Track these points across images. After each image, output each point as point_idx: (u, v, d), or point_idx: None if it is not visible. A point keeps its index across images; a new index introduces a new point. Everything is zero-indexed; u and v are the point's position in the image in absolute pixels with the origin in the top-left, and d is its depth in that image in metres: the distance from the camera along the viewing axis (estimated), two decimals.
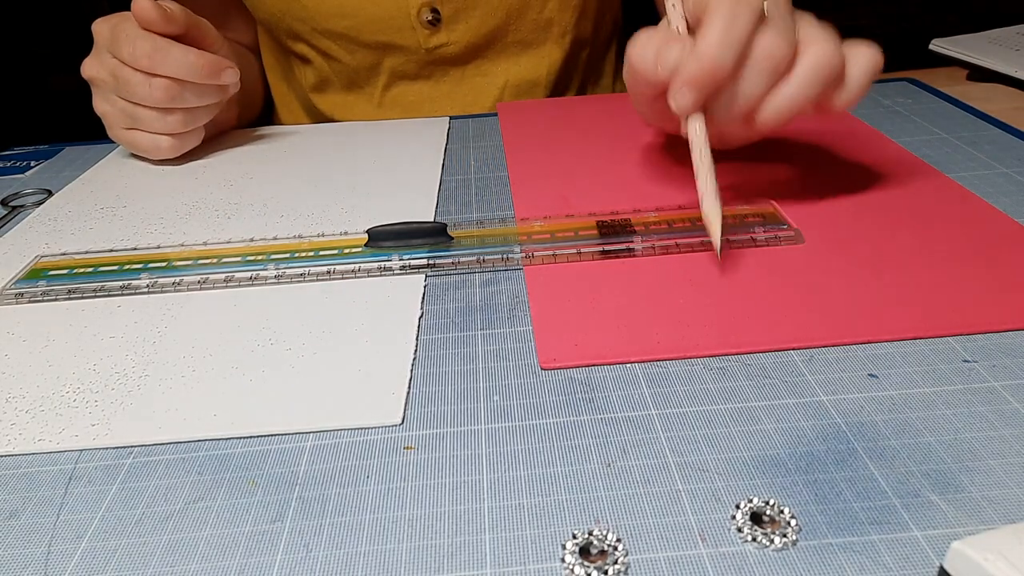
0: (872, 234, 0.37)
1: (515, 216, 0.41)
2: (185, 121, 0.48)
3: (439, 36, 0.57)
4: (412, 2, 0.55)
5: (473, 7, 0.56)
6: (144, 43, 0.45)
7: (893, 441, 0.25)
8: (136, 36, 0.45)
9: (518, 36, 0.59)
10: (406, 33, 0.57)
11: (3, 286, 0.38)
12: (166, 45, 0.45)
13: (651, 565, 0.22)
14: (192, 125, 0.49)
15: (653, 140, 0.50)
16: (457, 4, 0.56)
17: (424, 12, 0.56)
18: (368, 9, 0.56)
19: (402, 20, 0.56)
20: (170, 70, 0.45)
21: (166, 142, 0.49)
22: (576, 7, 0.59)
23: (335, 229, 0.41)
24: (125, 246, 0.41)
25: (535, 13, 0.58)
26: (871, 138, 0.48)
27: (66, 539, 0.24)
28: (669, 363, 0.30)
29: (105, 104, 0.49)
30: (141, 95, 0.46)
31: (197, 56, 0.46)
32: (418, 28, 0.56)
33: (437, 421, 0.28)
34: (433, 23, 0.56)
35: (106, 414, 0.29)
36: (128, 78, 0.46)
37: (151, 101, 0.46)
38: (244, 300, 0.35)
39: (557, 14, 0.59)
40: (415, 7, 0.56)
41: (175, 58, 0.45)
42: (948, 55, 0.61)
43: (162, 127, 0.48)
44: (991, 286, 0.32)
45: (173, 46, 0.46)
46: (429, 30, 0.56)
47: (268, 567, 0.23)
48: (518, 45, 0.59)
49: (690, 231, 0.38)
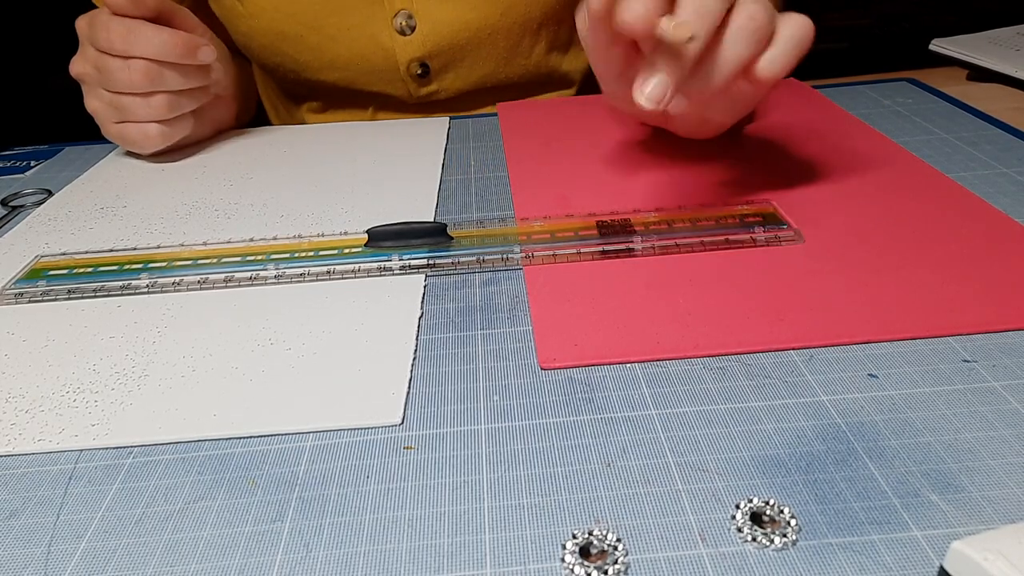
0: (872, 234, 0.37)
1: (515, 216, 0.41)
2: (170, 105, 0.48)
3: (429, 87, 0.59)
4: (401, 58, 0.56)
5: (461, 59, 0.57)
6: (118, 26, 0.45)
7: (893, 441, 0.25)
8: (109, 21, 0.45)
9: (510, 80, 0.60)
10: (397, 84, 0.58)
11: (3, 286, 0.38)
12: (138, 26, 0.45)
13: (651, 565, 0.22)
14: (178, 110, 0.49)
15: (653, 140, 0.50)
16: (445, 58, 0.57)
17: (413, 66, 0.57)
18: (358, 64, 0.57)
19: (392, 73, 0.57)
20: (144, 50, 0.45)
21: (154, 129, 0.49)
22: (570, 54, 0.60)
23: (335, 229, 0.41)
24: (125, 246, 0.41)
25: (523, 59, 0.59)
26: (871, 138, 0.48)
27: (66, 539, 0.24)
28: (669, 363, 0.30)
29: (94, 100, 0.49)
30: (122, 81, 0.46)
31: (171, 35, 0.46)
32: (408, 81, 0.58)
33: (437, 421, 0.28)
34: (423, 75, 0.58)
35: (106, 414, 0.29)
36: (108, 65, 0.46)
37: (132, 86, 0.46)
38: (244, 300, 0.35)
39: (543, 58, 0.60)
40: (404, 63, 0.57)
41: (147, 38, 0.45)
42: (948, 55, 0.61)
43: (147, 113, 0.48)
44: (991, 286, 0.32)
45: (146, 26, 0.46)
46: (419, 82, 0.58)
47: (268, 567, 0.23)
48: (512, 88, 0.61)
49: (690, 231, 0.38)
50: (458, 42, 0.56)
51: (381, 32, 0.55)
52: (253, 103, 0.68)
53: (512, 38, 0.57)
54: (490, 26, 0.56)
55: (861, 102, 0.54)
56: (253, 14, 0.56)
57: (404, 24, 0.55)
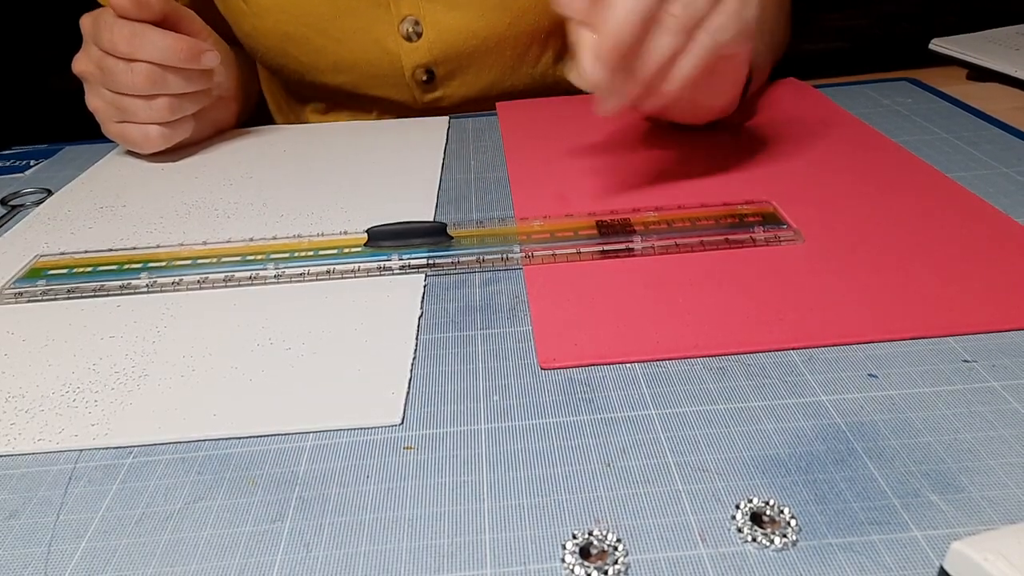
0: (872, 234, 0.37)
1: (515, 216, 0.41)
2: (172, 108, 0.48)
3: (434, 93, 0.59)
4: (407, 64, 0.56)
5: (467, 66, 0.57)
6: (122, 28, 0.45)
7: (893, 441, 0.25)
8: (114, 23, 0.45)
9: (516, 89, 0.60)
10: (402, 90, 0.58)
11: (3, 285, 0.38)
12: (143, 29, 0.45)
13: (651, 565, 0.22)
14: (180, 113, 0.49)
15: (653, 140, 0.50)
16: (451, 65, 0.57)
17: (419, 72, 0.57)
18: (363, 68, 0.57)
19: (397, 79, 0.57)
20: (148, 54, 0.45)
21: (155, 131, 0.49)
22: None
23: (335, 228, 0.41)
24: (124, 245, 0.41)
25: (529, 68, 0.59)
26: (872, 138, 0.48)
27: (66, 539, 0.24)
28: (669, 363, 0.30)
29: (96, 99, 0.49)
30: (124, 83, 0.46)
31: (176, 39, 0.46)
32: (413, 86, 0.58)
33: (437, 421, 0.28)
34: (428, 82, 0.57)
35: (106, 414, 0.29)
36: (111, 67, 0.46)
37: (134, 88, 0.46)
38: (244, 300, 0.35)
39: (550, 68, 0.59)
40: (409, 69, 0.57)
41: (152, 42, 0.45)
42: (948, 55, 0.61)
43: (148, 115, 0.48)
44: (991, 286, 0.32)
45: (150, 30, 0.46)
46: (423, 88, 0.58)
47: (268, 567, 0.23)
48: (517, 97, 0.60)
49: (690, 231, 0.38)
50: (465, 50, 0.56)
51: (387, 37, 0.55)
52: (253, 101, 0.68)
53: (519, 47, 0.57)
54: (497, 35, 0.56)
55: (861, 102, 0.54)
56: (258, 14, 0.56)
57: (411, 30, 0.55)
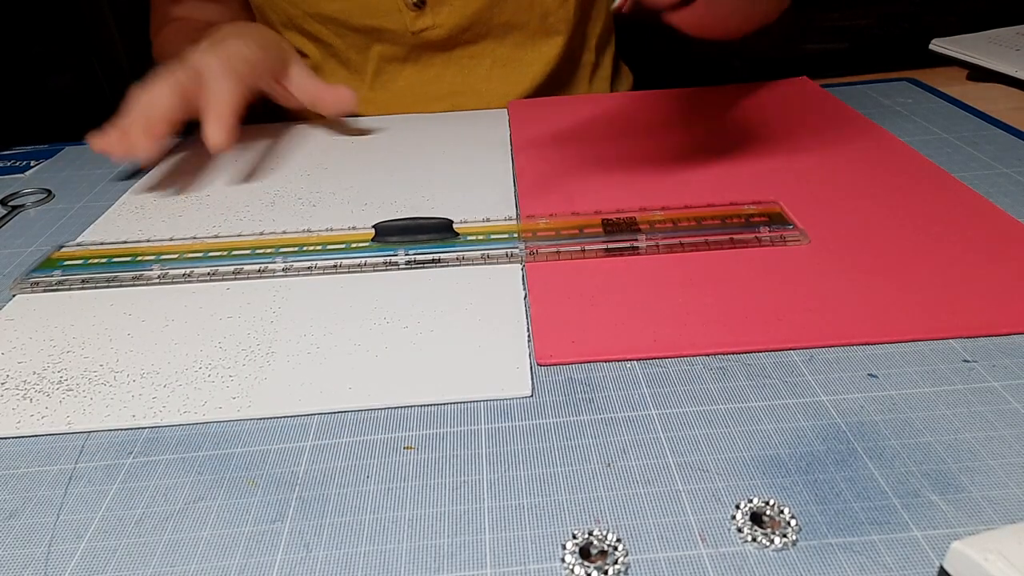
0: (877, 235, 0.37)
1: (521, 213, 0.41)
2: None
3: (424, 19, 0.59)
4: None
5: None
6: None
7: (893, 441, 0.25)
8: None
9: (503, 18, 0.61)
10: (393, 16, 0.59)
11: (20, 274, 0.38)
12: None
13: (651, 565, 0.22)
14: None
15: (661, 139, 0.50)
16: None
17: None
18: None
19: (389, 3, 0.58)
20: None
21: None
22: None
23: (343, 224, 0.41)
24: (210, 234, 0.42)
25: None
26: (880, 138, 0.47)
27: (66, 539, 0.24)
28: (669, 363, 0.30)
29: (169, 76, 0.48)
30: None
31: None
32: (404, 11, 0.59)
33: (437, 421, 0.28)
34: (419, 6, 0.59)
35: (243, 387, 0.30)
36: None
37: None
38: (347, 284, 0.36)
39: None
40: None
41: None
42: (948, 55, 0.61)
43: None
44: (992, 286, 0.32)
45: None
46: (415, 12, 0.59)
47: (268, 567, 0.23)
48: (503, 27, 0.61)
49: (695, 230, 0.38)
50: None
51: None
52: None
53: None
54: None
55: (861, 102, 0.54)
56: None
57: None
